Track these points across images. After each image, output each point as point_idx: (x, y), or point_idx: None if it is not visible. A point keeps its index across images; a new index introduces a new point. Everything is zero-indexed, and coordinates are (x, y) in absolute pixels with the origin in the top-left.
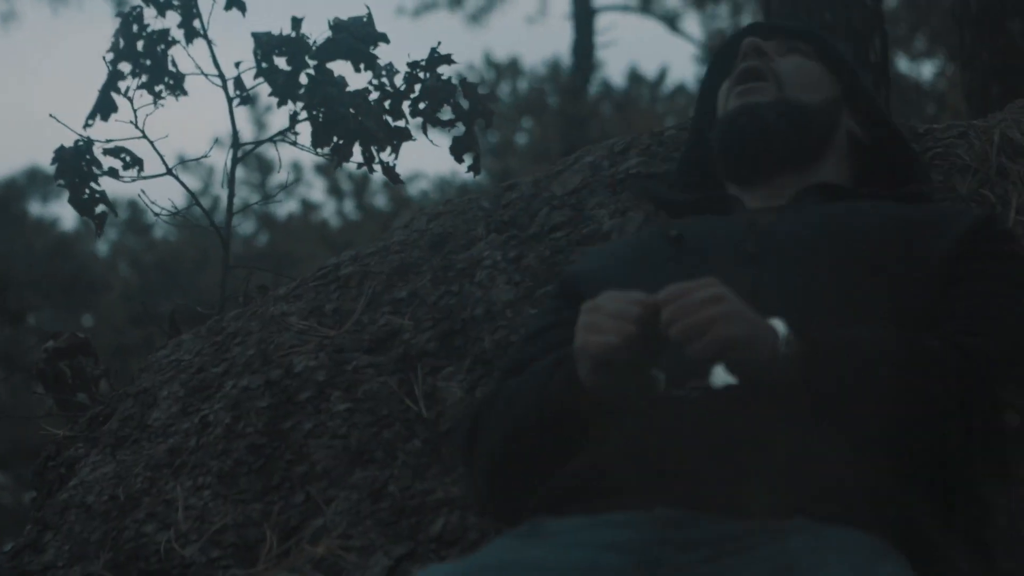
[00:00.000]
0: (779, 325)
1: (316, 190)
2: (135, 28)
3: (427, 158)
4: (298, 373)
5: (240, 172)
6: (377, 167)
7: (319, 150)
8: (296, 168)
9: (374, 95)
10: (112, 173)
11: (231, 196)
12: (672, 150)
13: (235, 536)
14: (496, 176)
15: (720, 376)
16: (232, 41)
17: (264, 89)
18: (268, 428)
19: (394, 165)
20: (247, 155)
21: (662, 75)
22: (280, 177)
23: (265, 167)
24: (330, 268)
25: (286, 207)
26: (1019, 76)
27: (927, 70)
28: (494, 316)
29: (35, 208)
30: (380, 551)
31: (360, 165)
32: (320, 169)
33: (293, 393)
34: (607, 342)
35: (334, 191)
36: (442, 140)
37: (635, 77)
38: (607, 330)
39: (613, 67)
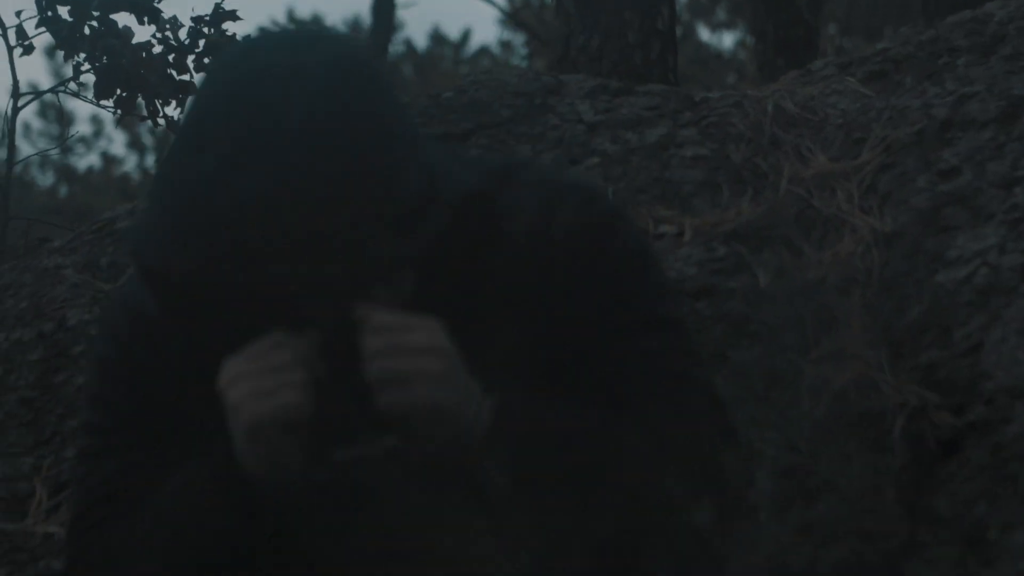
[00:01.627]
0: (483, 396)
1: (118, 144)
2: None
3: None
4: (71, 327)
5: (39, 124)
6: (162, 121)
7: (102, 102)
8: (96, 121)
9: (158, 48)
10: None
11: (11, 146)
12: (449, 112)
13: (4, 490)
14: None
15: (390, 441)
16: None
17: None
18: (40, 382)
19: (178, 119)
20: (45, 107)
21: (465, 37)
22: (79, 130)
23: (66, 119)
24: (106, 222)
25: (86, 160)
26: (804, 49)
27: (728, 40)
28: None
29: None
30: None
31: (143, 118)
32: (122, 123)
33: (66, 347)
34: (291, 402)
35: (135, 145)
36: None
37: (438, 38)
38: (283, 387)
39: (417, 28)
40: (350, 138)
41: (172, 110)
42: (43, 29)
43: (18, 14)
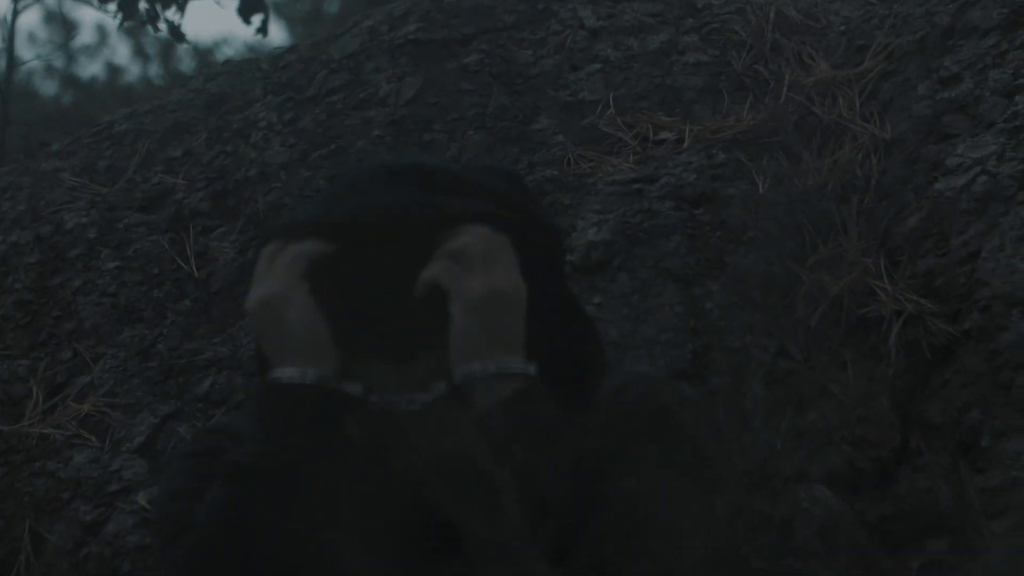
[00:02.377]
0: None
1: (121, 54)
2: None
3: (237, 23)
4: (68, 230)
5: (44, 33)
6: (162, 26)
7: (105, 6)
8: (100, 30)
9: None
10: None
11: (10, 51)
12: (452, 16)
13: (0, 391)
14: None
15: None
16: None
17: None
18: (36, 284)
19: (179, 24)
20: (50, 15)
21: None
22: (83, 38)
23: (69, 26)
24: (104, 125)
25: (89, 69)
26: None
27: None
28: (268, 178)
29: None
30: (146, 409)
31: (144, 23)
32: (124, 29)
33: (63, 250)
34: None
35: (140, 54)
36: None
37: None
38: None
39: None
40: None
41: (172, 14)
42: None
43: None
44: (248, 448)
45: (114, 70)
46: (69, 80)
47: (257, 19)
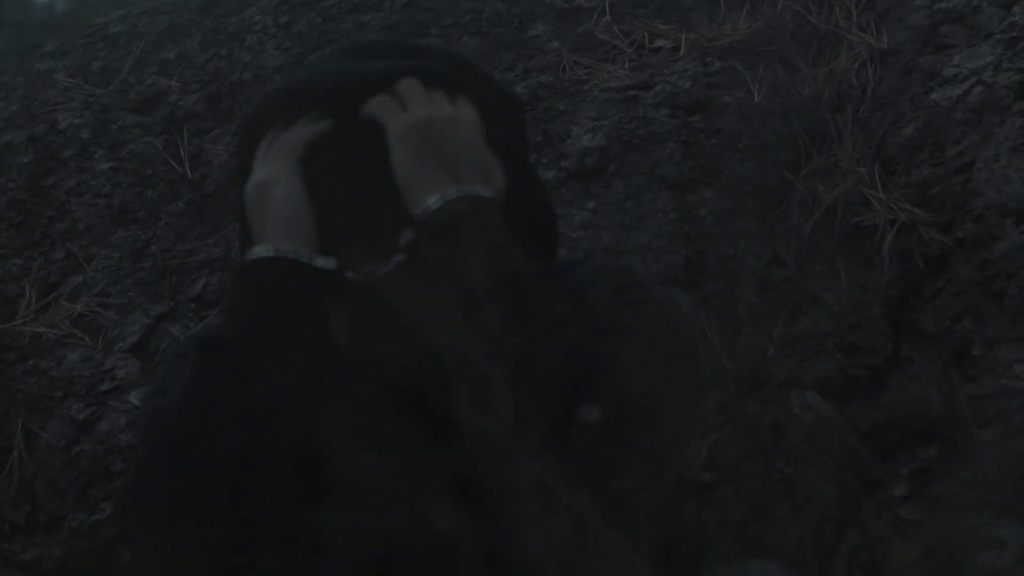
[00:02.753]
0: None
1: None
2: None
3: None
4: (62, 130)
5: None
6: None
7: None
8: None
9: None
10: None
11: None
12: None
13: None
14: None
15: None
16: None
17: None
18: (30, 184)
19: None
20: None
21: None
22: None
23: None
24: (98, 27)
25: None
26: None
27: None
28: (262, 81)
29: None
30: (139, 309)
31: None
32: None
33: (57, 150)
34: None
35: None
36: None
37: None
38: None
39: None
40: None
41: None
42: None
43: None
44: (219, 323)
45: None
46: None
47: None
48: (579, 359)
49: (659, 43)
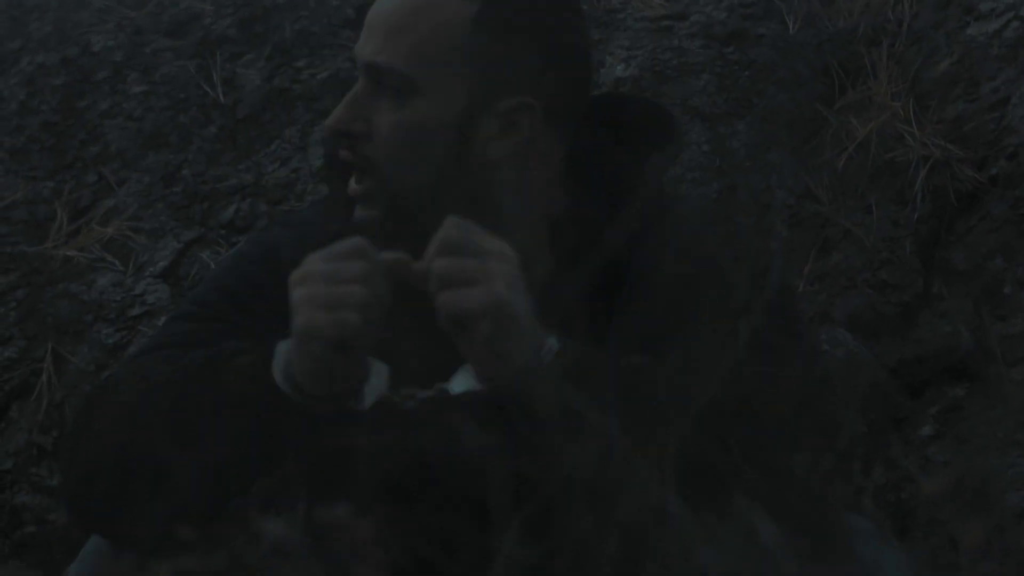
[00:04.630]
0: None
1: None
2: None
3: None
4: (96, 52)
5: None
6: None
7: None
8: None
9: None
10: None
11: None
12: None
13: (25, 213)
14: None
15: (462, 380)
16: None
17: None
18: (63, 106)
19: None
20: None
21: None
22: None
23: None
24: None
25: None
26: None
27: None
28: (296, 5)
29: None
30: (170, 234)
31: None
32: None
33: (90, 72)
34: (348, 320)
35: None
36: None
37: None
38: (343, 302)
39: None
40: None
41: None
42: None
43: None
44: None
45: None
46: None
47: None
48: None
49: None
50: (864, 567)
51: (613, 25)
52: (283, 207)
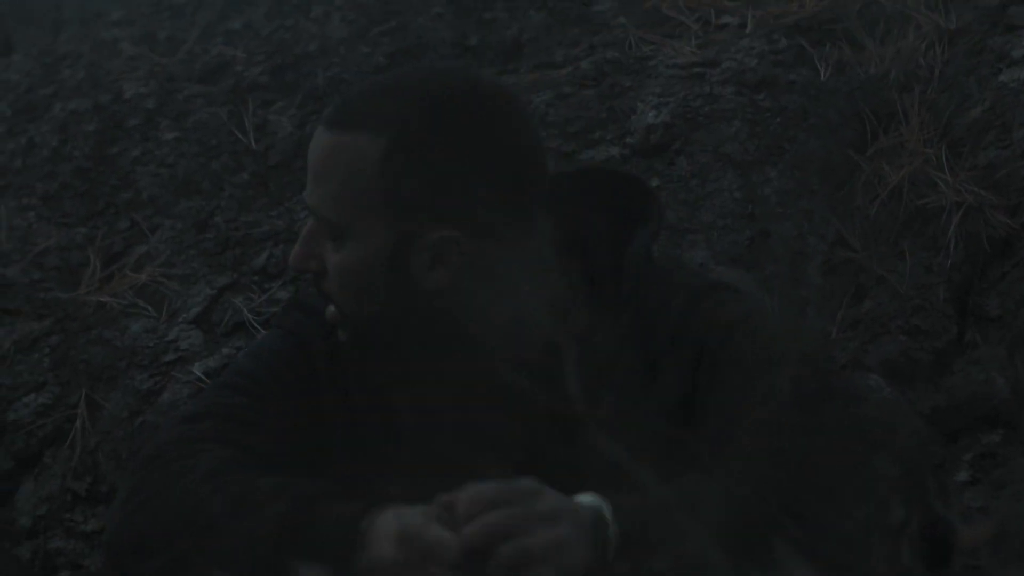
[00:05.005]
0: (599, 505)
1: None
2: None
3: None
4: (127, 99)
5: None
6: None
7: None
8: None
9: None
10: None
11: None
12: None
13: (58, 259)
14: None
15: None
16: None
17: None
18: (95, 153)
19: None
20: None
21: None
22: None
23: None
24: None
25: None
26: None
27: None
28: (327, 53)
29: None
30: (203, 280)
31: None
32: None
33: (122, 119)
34: None
35: None
36: None
37: None
38: None
39: None
40: None
41: None
42: None
43: None
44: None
45: None
46: None
47: None
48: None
49: (725, 20)
50: None
51: (644, 72)
52: None
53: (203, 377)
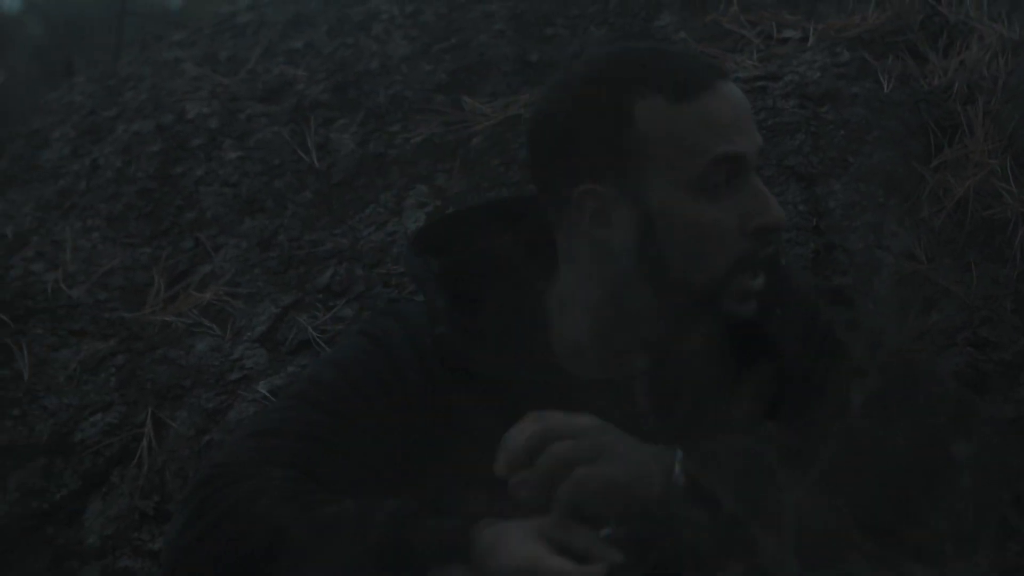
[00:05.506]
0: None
1: None
2: None
3: None
4: (190, 120)
5: None
6: None
7: None
8: None
9: None
10: None
11: None
12: None
13: (123, 279)
14: None
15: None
16: None
17: None
18: (159, 173)
19: None
20: None
21: None
22: None
23: None
24: (226, 16)
25: None
26: None
27: None
28: (389, 70)
29: None
30: (267, 299)
31: None
32: None
33: (185, 139)
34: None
35: None
36: None
37: None
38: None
39: None
40: None
41: None
42: None
43: None
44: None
45: None
46: None
47: None
48: None
49: (787, 33)
50: None
51: None
52: (379, 271)
53: (268, 395)
